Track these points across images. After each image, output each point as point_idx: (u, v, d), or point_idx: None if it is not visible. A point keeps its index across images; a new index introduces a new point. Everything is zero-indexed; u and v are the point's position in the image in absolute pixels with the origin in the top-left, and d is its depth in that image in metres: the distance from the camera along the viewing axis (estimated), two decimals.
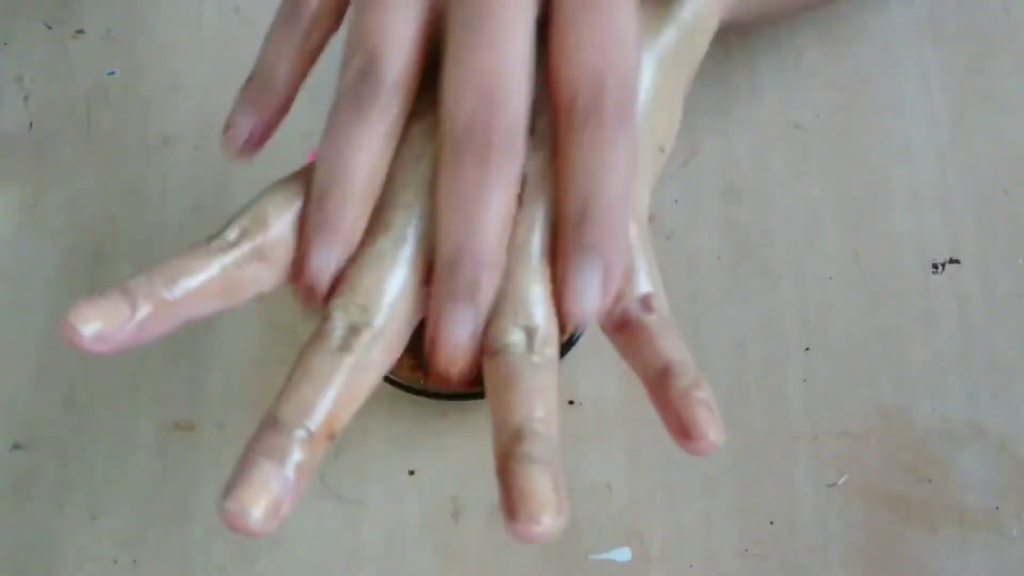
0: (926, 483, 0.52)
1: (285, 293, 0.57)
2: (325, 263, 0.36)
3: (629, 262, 0.38)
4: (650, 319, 0.38)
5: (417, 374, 0.52)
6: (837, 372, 0.54)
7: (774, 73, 0.60)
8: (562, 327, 0.37)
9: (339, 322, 0.36)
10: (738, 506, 0.52)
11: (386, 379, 0.49)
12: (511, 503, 0.32)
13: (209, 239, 0.37)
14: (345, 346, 0.35)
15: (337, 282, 0.37)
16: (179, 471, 0.54)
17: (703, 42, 0.43)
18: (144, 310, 0.34)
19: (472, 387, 0.51)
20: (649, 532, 0.52)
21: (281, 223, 0.37)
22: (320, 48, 0.40)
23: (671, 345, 0.38)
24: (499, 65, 0.34)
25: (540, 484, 0.32)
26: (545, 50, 0.35)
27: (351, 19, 0.37)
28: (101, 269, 0.57)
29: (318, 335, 0.36)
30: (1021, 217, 0.57)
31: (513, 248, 0.36)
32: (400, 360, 0.52)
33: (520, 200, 0.36)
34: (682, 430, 0.35)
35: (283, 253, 0.37)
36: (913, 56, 0.60)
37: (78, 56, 0.62)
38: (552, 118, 0.36)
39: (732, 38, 0.61)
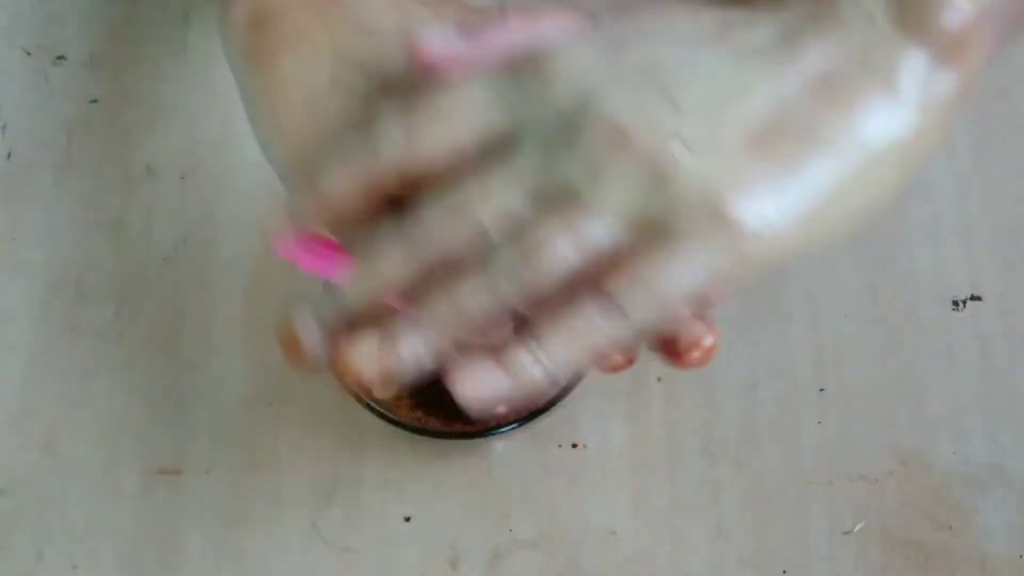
0: (946, 530, 0.55)
1: (273, 333, 0.60)
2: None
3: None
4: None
5: (417, 413, 0.55)
6: (853, 414, 0.57)
7: None
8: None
9: None
10: (750, 555, 0.55)
11: (385, 418, 0.52)
12: None
13: None
14: None
15: None
16: (164, 518, 0.57)
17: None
18: None
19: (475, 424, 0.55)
20: None
21: None
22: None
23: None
24: None
25: None
26: None
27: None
28: (83, 306, 0.61)
29: None
30: None
31: None
32: (399, 400, 0.55)
33: None
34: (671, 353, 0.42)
35: None
36: None
37: (59, 83, 0.66)
38: None
39: None
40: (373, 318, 0.41)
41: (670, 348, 0.41)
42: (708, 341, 0.41)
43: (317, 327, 0.42)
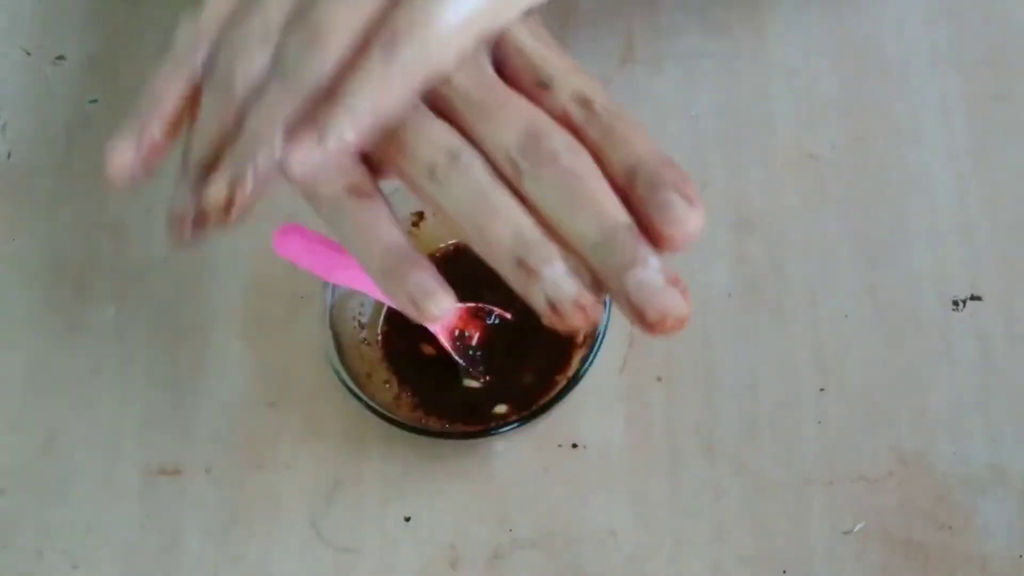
0: (946, 530, 0.56)
1: (274, 333, 0.60)
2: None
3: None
4: (596, 117, 0.41)
5: (417, 413, 0.55)
6: (853, 414, 0.58)
7: (788, 101, 0.64)
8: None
9: None
10: (750, 555, 0.56)
11: (385, 418, 0.53)
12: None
13: None
14: None
15: None
16: (164, 517, 0.57)
17: None
18: None
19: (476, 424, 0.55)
20: None
21: None
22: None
23: (630, 140, 0.41)
24: None
25: None
26: None
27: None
28: (84, 306, 0.61)
29: None
30: None
31: None
32: (399, 400, 0.56)
33: None
34: (652, 235, 0.40)
35: None
36: (932, 83, 0.64)
37: (58, 83, 0.66)
38: None
39: (744, 64, 0.65)
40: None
41: (641, 316, 0.39)
42: (682, 310, 0.39)
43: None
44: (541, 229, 0.40)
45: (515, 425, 0.53)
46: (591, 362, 0.54)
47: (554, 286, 0.40)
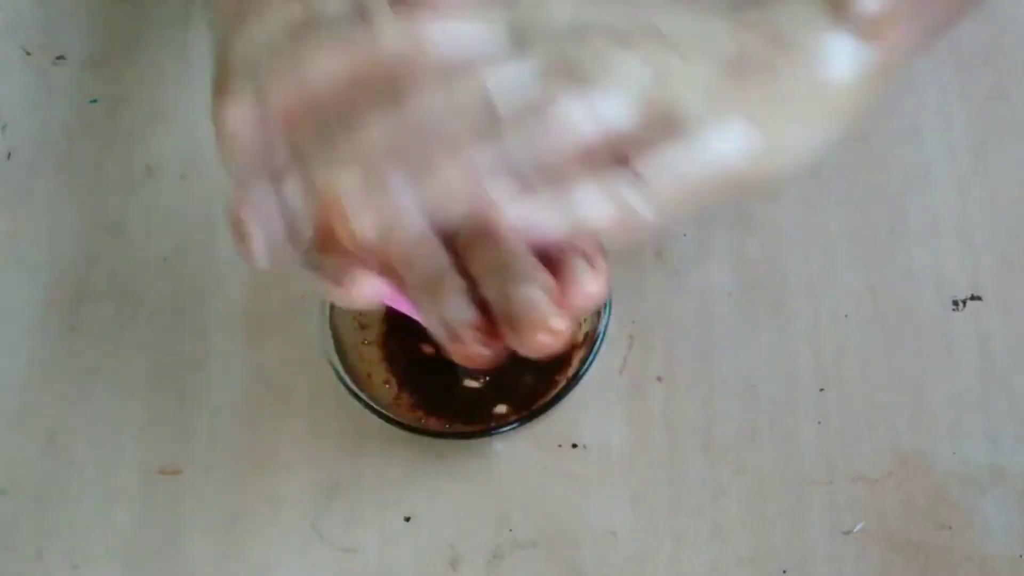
0: (946, 530, 0.55)
1: (274, 333, 0.60)
2: None
3: None
4: None
5: (417, 413, 0.55)
6: (853, 414, 0.58)
7: None
8: None
9: None
10: (749, 555, 0.55)
11: (385, 418, 0.53)
12: None
13: None
14: None
15: None
16: (164, 517, 0.57)
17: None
18: None
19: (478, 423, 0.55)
20: None
21: None
22: None
23: None
24: None
25: None
26: None
27: None
28: (83, 306, 0.61)
29: None
30: None
31: None
32: (399, 400, 0.56)
33: None
34: None
35: None
36: (932, 82, 0.64)
37: (59, 83, 0.66)
38: None
39: None
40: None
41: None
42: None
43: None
44: None
45: (515, 425, 0.53)
46: (591, 362, 0.54)
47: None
